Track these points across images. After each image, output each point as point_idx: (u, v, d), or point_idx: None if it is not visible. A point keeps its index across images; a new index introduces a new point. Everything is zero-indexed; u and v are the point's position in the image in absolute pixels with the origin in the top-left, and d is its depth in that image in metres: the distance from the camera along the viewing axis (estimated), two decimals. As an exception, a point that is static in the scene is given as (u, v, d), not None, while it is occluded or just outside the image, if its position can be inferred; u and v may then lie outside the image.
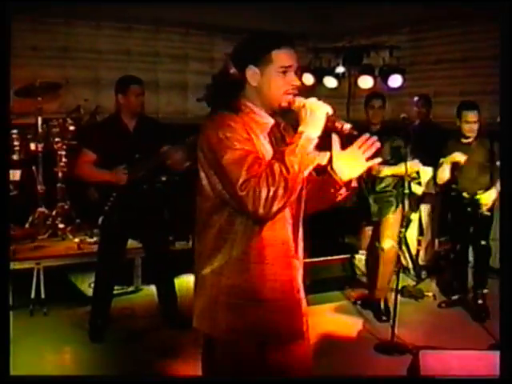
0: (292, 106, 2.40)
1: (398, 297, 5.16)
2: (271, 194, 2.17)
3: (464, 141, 5.35)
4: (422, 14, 7.47)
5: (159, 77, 8.12)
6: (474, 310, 5.44)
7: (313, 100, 2.38)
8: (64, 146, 6.15)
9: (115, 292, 5.21)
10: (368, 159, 2.46)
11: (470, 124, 5.23)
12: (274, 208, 2.19)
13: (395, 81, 6.96)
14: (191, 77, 8.44)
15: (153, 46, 8.10)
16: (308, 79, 7.44)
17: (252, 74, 2.39)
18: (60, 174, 6.18)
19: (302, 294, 2.53)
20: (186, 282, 5.66)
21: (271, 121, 2.46)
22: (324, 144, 2.44)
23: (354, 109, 7.55)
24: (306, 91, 2.45)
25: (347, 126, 2.36)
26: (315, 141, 2.31)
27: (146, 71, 7.49)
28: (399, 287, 5.73)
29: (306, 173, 2.31)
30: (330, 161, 2.50)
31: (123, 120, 4.73)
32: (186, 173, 4.85)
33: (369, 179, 5.22)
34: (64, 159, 6.15)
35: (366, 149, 2.44)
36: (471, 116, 5.22)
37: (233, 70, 2.44)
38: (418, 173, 5.48)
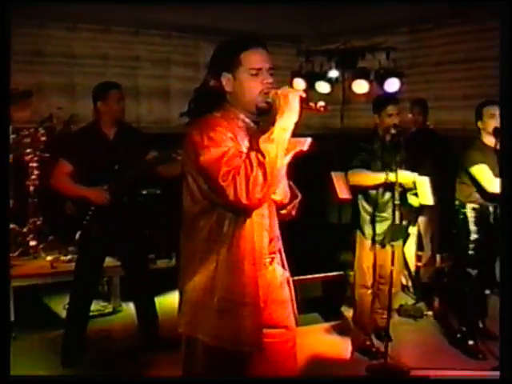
0: (269, 101, 2.64)
1: (396, 316, 5.39)
2: (251, 181, 2.44)
3: (491, 145, 5.19)
4: (422, 12, 7.55)
5: (140, 83, 8.21)
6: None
7: (285, 87, 2.64)
8: (35, 158, 6.27)
9: (92, 314, 5.39)
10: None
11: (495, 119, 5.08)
12: (257, 195, 2.47)
13: (392, 85, 7.05)
14: (174, 83, 8.52)
15: (132, 50, 8.17)
16: (299, 84, 7.47)
17: (226, 80, 2.69)
18: (31, 188, 6.31)
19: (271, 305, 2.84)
20: (167, 301, 5.93)
21: (253, 125, 2.74)
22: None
23: (348, 115, 7.72)
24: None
25: (321, 104, 2.61)
26: (291, 126, 2.56)
27: (126, 77, 7.58)
28: (396, 306, 6.00)
29: (286, 158, 2.63)
30: None
31: (102, 128, 4.92)
32: (169, 186, 5.07)
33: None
34: (36, 172, 6.28)
35: None
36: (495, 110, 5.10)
37: (212, 82, 2.74)
38: (414, 183, 5.63)
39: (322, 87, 7.61)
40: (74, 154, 4.88)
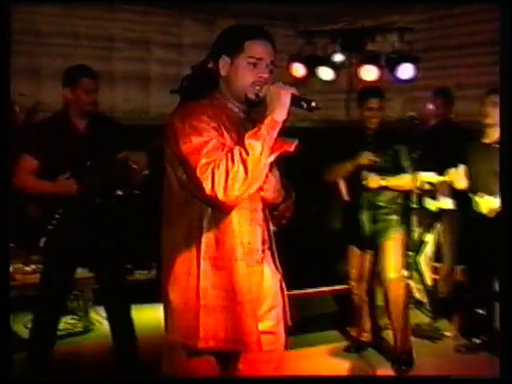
0: (260, 95, 2.84)
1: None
2: (231, 176, 2.59)
3: (485, 140, 5.43)
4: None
5: (114, 67, 8.15)
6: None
7: (278, 83, 2.82)
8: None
9: (59, 333, 5.25)
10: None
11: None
12: (235, 192, 2.62)
13: (406, 71, 7.07)
14: (154, 67, 8.52)
15: (106, 29, 8.10)
16: (298, 70, 7.53)
17: (223, 63, 2.90)
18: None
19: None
20: (146, 318, 5.89)
21: (242, 114, 2.95)
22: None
23: (354, 105, 7.65)
24: (296, 84, 2.83)
25: (313, 104, 2.78)
26: (280, 124, 2.73)
27: (98, 59, 7.52)
28: (413, 325, 5.92)
29: (271, 157, 2.76)
30: None
31: (72, 119, 4.79)
32: (149, 186, 4.96)
33: (364, 193, 5.36)
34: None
35: None
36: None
37: (211, 63, 2.97)
38: (433, 184, 5.57)
39: (325, 73, 7.67)
40: (38, 147, 4.74)
